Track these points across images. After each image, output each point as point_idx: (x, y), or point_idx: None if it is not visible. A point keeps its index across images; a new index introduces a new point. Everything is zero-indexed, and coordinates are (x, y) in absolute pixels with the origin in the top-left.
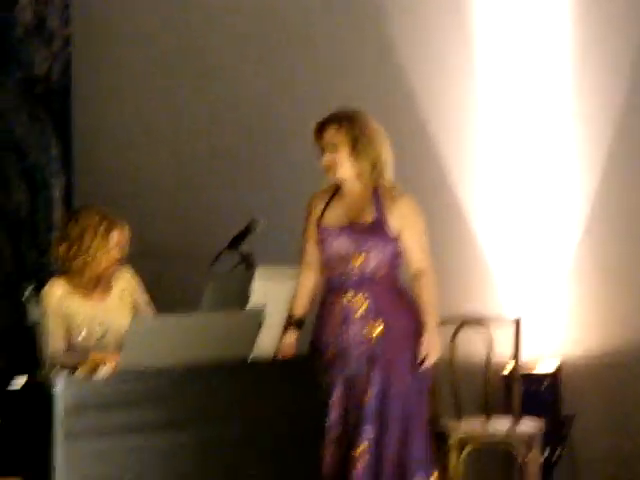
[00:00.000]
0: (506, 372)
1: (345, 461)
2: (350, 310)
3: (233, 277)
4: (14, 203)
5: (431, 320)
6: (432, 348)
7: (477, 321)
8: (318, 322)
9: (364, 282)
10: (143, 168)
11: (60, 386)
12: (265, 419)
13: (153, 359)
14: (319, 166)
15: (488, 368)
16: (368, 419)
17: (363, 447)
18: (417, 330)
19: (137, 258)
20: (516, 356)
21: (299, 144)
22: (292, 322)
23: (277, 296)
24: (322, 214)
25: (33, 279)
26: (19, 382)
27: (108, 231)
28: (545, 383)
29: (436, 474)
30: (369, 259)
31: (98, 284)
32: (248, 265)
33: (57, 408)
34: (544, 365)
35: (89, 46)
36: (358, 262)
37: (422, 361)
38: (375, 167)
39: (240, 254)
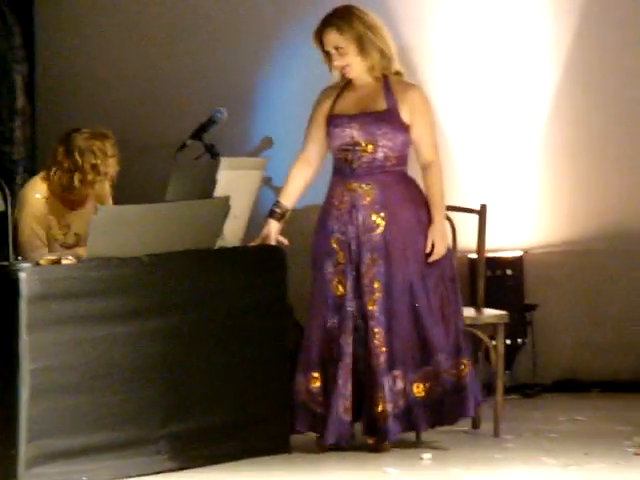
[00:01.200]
0: (472, 256)
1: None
2: (358, 198)
3: (197, 167)
4: None
5: (439, 211)
6: (439, 238)
7: None
8: (325, 209)
9: (373, 171)
10: (105, 56)
11: (25, 273)
12: (230, 307)
13: (119, 249)
14: (330, 70)
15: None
16: (381, 309)
17: (381, 335)
18: (422, 222)
19: None
20: (481, 244)
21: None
22: (275, 211)
23: (242, 186)
24: (334, 104)
25: None
26: None
27: (104, 141)
28: (509, 271)
29: (466, 362)
30: (379, 148)
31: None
32: (212, 155)
33: (21, 296)
34: (508, 253)
35: None
36: (368, 150)
37: (430, 252)
38: (384, 56)
39: (204, 144)
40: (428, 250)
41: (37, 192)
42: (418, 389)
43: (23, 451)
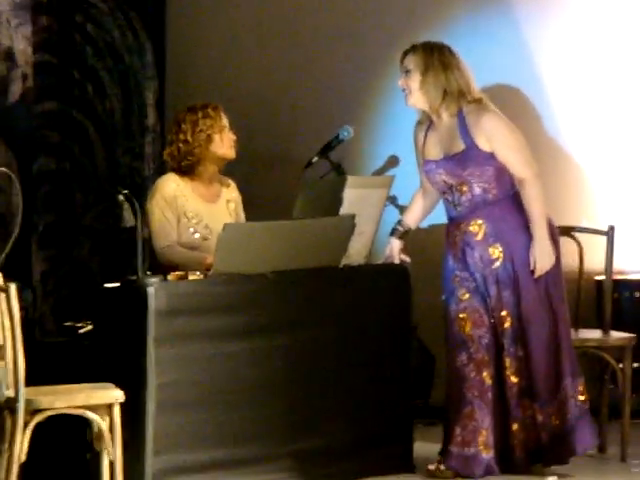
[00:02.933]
0: (599, 277)
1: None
2: (470, 236)
3: (324, 184)
4: (108, 107)
5: (538, 229)
6: (542, 256)
7: (569, 230)
8: (445, 247)
9: (477, 207)
10: (235, 74)
11: (152, 288)
12: (354, 325)
13: (245, 265)
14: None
15: (581, 276)
16: (511, 340)
17: (514, 365)
18: None
19: (231, 164)
20: (609, 265)
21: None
22: (397, 229)
23: (367, 204)
24: (423, 145)
25: (127, 184)
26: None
27: (217, 110)
28: (637, 293)
29: (582, 382)
30: (472, 186)
31: (212, 181)
32: (339, 173)
33: (149, 310)
34: (637, 275)
35: None
36: (463, 191)
37: (533, 270)
38: (446, 95)
39: (330, 162)
40: (532, 267)
41: (167, 180)
42: (556, 421)
43: (149, 465)
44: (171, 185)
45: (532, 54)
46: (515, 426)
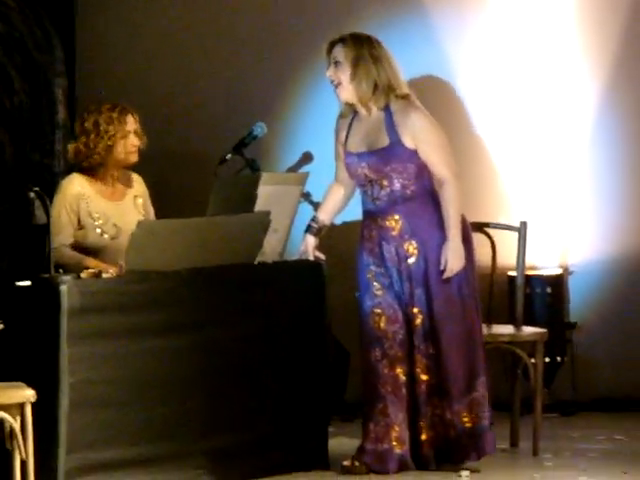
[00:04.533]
0: (511, 272)
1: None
2: (386, 231)
3: (238, 181)
4: (17, 104)
5: (452, 230)
6: (453, 257)
7: (483, 226)
8: (359, 242)
9: (395, 202)
10: (146, 72)
11: (65, 285)
12: (269, 321)
13: (159, 263)
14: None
15: (493, 272)
16: (422, 337)
17: (424, 363)
18: None
19: (143, 162)
20: (521, 261)
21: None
22: (312, 226)
23: (282, 200)
24: (346, 138)
25: (37, 180)
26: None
27: (123, 114)
28: (549, 288)
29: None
30: (393, 181)
31: (116, 181)
32: (253, 169)
33: (62, 308)
34: (549, 271)
35: None
36: (383, 185)
37: (443, 270)
38: (377, 89)
39: (244, 159)
40: (442, 267)
41: (70, 182)
42: (465, 419)
43: (63, 463)
44: (74, 187)
45: (449, 53)
46: (422, 423)
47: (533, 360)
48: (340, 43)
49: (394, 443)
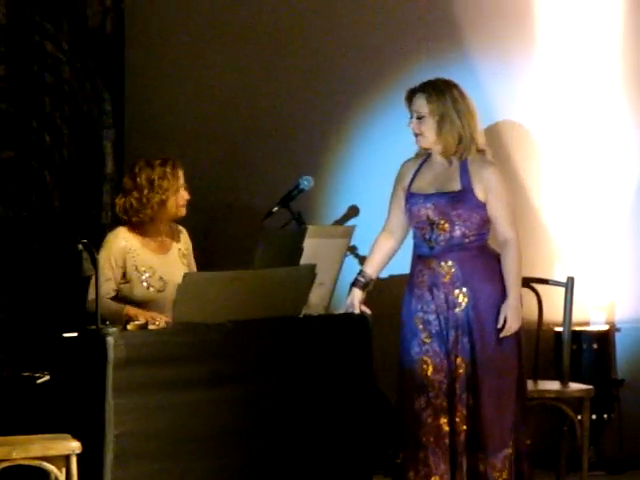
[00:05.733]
0: (558, 328)
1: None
2: (438, 277)
3: (284, 234)
4: (65, 156)
5: (514, 290)
6: (513, 317)
7: (529, 281)
8: (408, 288)
9: (452, 249)
10: (192, 122)
11: (112, 337)
12: (315, 375)
13: (205, 315)
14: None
15: (540, 327)
16: (464, 387)
17: (462, 413)
18: (504, 297)
19: (191, 213)
20: (567, 317)
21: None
22: (359, 280)
23: (328, 254)
24: (412, 180)
25: (85, 233)
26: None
27: (175, 169)
28: (596, 345)
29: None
30: (454, 227)
31: (163, 234)
32: (299, 223)
33: (108, 360)
34: (596, 326)
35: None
36: (444, 229)
37: (501, 329)
38: (461, 142)
39: (291, 212)
40: (500, 325)
41: (116, 236)
42: (497, 473)
43: None
44: (120, 242)
45: (494, 101)
46: (459, 474)
47: (579, 417)
48: (422, 94)
49: None
